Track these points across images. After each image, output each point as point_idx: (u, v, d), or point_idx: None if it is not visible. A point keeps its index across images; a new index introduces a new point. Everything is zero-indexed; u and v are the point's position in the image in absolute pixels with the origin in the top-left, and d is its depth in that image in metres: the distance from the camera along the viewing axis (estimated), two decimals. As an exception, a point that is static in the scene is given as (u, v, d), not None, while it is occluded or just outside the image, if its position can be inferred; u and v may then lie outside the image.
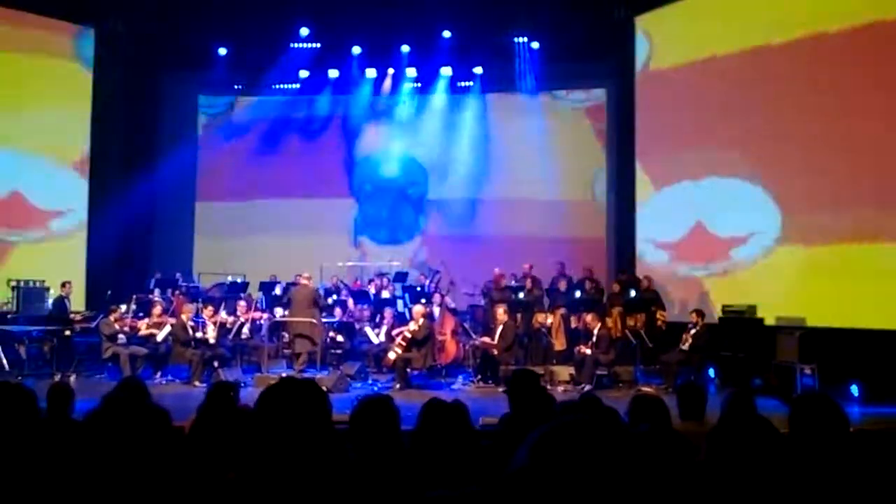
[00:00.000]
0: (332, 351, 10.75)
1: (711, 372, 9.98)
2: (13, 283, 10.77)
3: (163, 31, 13.31)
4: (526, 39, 13.50)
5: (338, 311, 11.27)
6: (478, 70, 14.30)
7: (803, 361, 8.91)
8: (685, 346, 9.70)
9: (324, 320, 10.66)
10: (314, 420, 1.76)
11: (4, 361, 9.82)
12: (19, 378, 8.67)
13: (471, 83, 14.56)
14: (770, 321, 9.84)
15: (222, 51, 14.19)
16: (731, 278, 10.97)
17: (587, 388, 9.14)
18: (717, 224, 11.22)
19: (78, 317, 10.91)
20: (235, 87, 14.88)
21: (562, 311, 11.39)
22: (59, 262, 12.11)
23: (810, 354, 8.98)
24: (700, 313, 9.92)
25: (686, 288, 11.52)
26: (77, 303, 11.44)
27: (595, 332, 9.78)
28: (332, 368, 10.08)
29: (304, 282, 10.52)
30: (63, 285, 10.84)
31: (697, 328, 9.75)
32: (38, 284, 11.02)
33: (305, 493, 1.66)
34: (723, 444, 1.79)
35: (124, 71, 13.36)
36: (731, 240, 11.03)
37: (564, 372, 9.93)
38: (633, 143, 12.57)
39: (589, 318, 10.13)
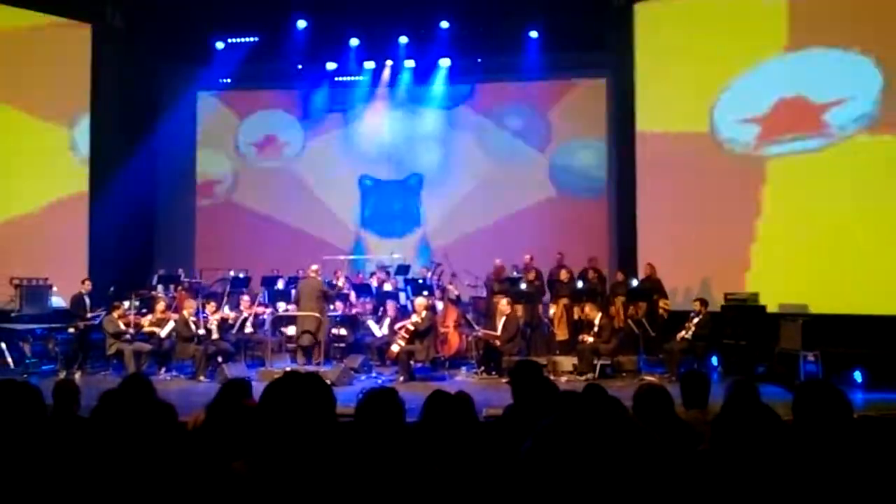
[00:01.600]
0: (336, 344, 10.76)
1: (714, 360, 10.00)
2: (16, 282, 10.79)
3: (160, 27, 13.28)
4: (525, 28, 13.44)
5: (340, 304, 11.28)
6: (476, 60, 14.26)
7: (806, 348, 8.92)
8: (688, 335, 9.71)
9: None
10: (318, 413, 1.76)
11: (9, 359, 9.86)
12: (24, 376, 8.70)
13: (469, 73, 14.52)
14: (773, 308, 9.85)
15: (219, 45, 14.17)
16: (731, 265, 10.97)
17: (590, 377, 9.17)
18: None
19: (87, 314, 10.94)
20: (233, 81, 14.82)
21: (564, 301, 11.40)
22: (60, 259, 12.12)
23: (813, 341, 8.98)
24: (703, 302, 9.93)
25: (688, 276, 11.51)
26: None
27: (596, 321, 9.79)
28: (335, 362, 10.11)
29: (311, 275, 10.51)
30: (83, 282, 10.91)
31: (700, 317, 9.75)
32: (40, 282, 11.04)
33: (310, 486, 1.67)
34: (727, 431, 1.80)
35: (122, 67, 13.33)
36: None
37: (567, 362, 9.95)
38: (634, 129, 12.54)
39: (587, 308, 10.14)
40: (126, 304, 10.26)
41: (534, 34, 13.45)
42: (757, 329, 9.50)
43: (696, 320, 9.75)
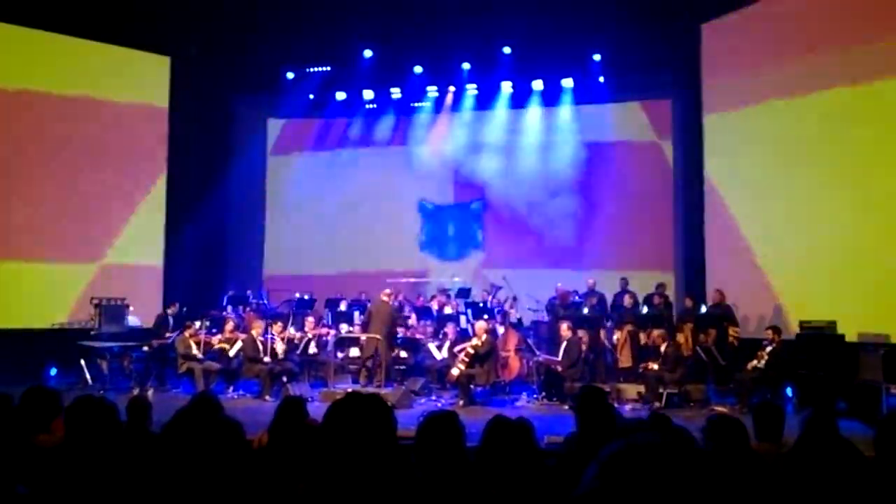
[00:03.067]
0: (396, 367, 10.83)
1: (789, 391, 9.55)
2: (95, 301, 11.34)
3: (233, 58, 13.87)
4: (588, 51, 13.40)
5: (400, 328, 11.36)
6: (538, 84, 14.30)
7: (889, 380, 8.42)
8: (760, 364, 9.32)
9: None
10: (380, 434, 1.77)
11: (88, 376, 10.32)
12: (101, 392, 9.08)
13: (531, 97, 14.56)
14: (851, 337, 9.36)
15: (290, 75, 14.69)
16: (807, 291, 10.50)
17: (656, 405, 8.91)
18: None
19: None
20: (302, 109, 15.31)
21: (628, 327, 11.14)
22: (139, 281, 12.68)
23: (896, 373, 8.49)
24: (776, 330, 9.53)
25: (760, 302, 11.09)
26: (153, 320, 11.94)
27: (662, 349, 9.52)
28: (395, 384, 10.16)
29: (384, 298, 10.67)
30: (170, 305, 11.70)
31: (773, 345, 9.35)
32: (118, 302, 11.56)
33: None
34: (802, 465, 1.71)
35: (197, 96, 13.96)
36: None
37: (632, 390, 9.70)
38: (702, 151, 12.27)
39: (656, 334, 9.87)
40: (197, 324, 10.62)
41: (597, 57, 13.39)
42: (834, 359, 9.03)
43: (768, 349, 9.36)
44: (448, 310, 12.05)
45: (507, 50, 13.63)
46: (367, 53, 14.12)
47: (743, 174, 11.63)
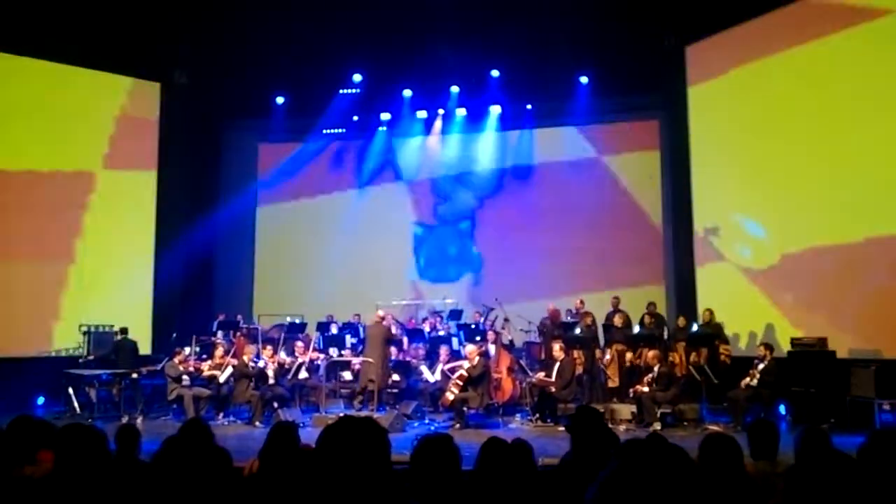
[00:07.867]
0: (389, 390, 10.74)
1: (782, 408, 9.55)
2: (84, 328, 11.21)
3: (224, 83, 13.92)
4: (575, 73, 13.54)
5: (393, 349, 11.29)
6: (527, 107, 14.43)
7: (881, 396, 8.44)
8: (753, 382, 9.32)
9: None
10: (375, 459, 1.75)
11: (76, 404, 10.18)
12: (90, 420, 8.95)
13: (520, 119, 14.68)
14: (843, 354, 9.40)
15: (280, 100, 14.75)
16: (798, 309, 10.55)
17: (648, 425, 8.87)
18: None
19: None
20: (292, 134, 15.36)
21: (618, 347, 11.13)
22: (127, 306, 12.56)
23: (888, 388, 8.50)
24: (768, 347, 9.54)
25: (751, 320, 11.12)
26: (143, 346, 11.81)
27: (656, 368, 9.50)
28: (388, 408, 10.07)
29: (377, 320, 10.64)
30: (122, 330, 11.40)
31: (765, 363, 9.36)
32: (107, 329, 11.44)
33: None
34: (802, 483, 1.70)
35: (188, 122, 13.98)
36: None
37: (626, 410, 9.67)
38: (689, 170, 12.38)
39: (650, 354, 9.85)
40: (187, 349, 10.51)
41: (584, 79, 13.55)
42: (827, 376, 9.05)
43: (761, 367, 9.36)
44: (440, 332, 11.99)
45: (495, 73, 13.78)
46: (357, 78, 14.22)
47: (731, 191, 11.73)
